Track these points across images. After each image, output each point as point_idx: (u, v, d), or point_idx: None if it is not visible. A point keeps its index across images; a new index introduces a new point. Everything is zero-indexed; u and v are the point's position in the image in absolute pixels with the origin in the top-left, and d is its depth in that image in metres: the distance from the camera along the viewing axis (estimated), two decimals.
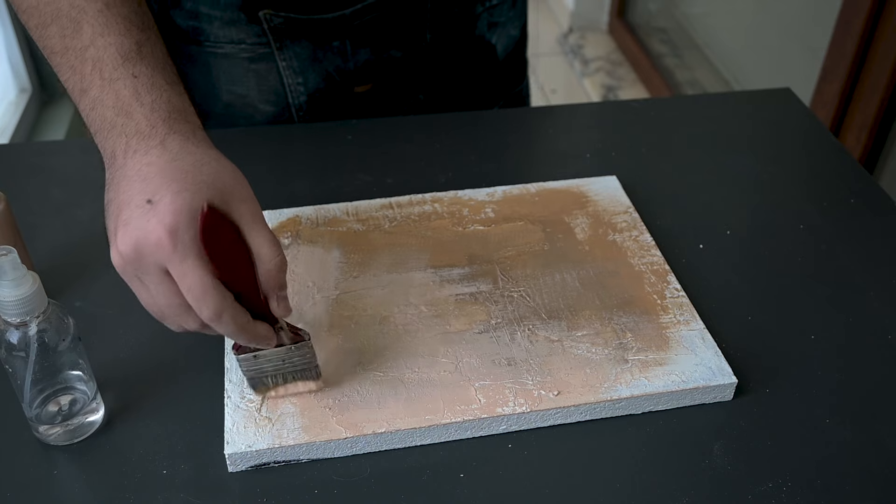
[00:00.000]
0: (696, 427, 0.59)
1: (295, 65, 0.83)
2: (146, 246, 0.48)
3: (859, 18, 1.52)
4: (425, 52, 0.88)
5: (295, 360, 0.57)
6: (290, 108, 0.87)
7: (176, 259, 0.48)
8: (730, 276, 0.71)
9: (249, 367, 0.56)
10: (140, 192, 0.49)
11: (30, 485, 0.55)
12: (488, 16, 0.90)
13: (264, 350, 0.55)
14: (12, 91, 2.09)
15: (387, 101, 0.90)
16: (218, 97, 0.87)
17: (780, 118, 0.94)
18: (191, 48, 0.83)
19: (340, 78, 0.85)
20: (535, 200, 0.76)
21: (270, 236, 0.51)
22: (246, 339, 0.52)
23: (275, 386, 0.58)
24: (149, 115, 0.51)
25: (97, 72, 0.53)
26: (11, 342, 0.52)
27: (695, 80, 2.38)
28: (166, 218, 0.47)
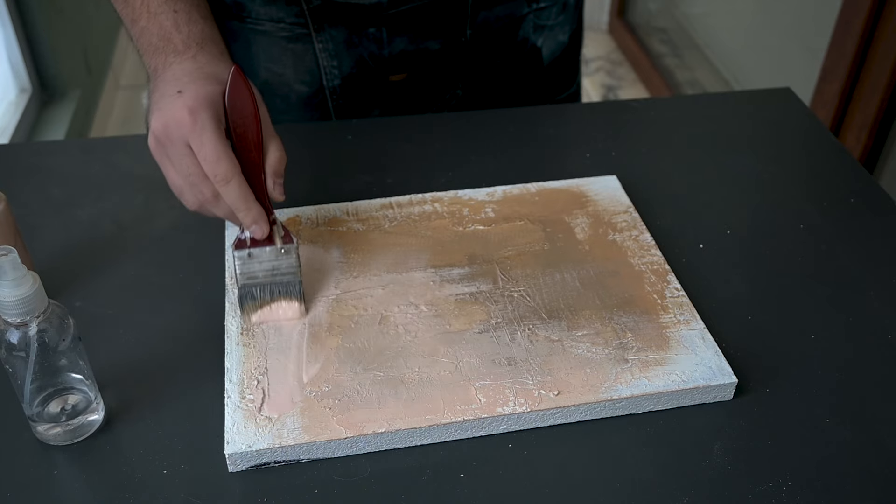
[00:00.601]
0: (696, 427, 0.59)
1: (330, 47, 0.85)
2: (172, 123, 0.58)
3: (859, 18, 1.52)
4: (464, 49, 0.88)
5: (283, 268, 0.63)
6: (325, 90, 0.89)
7: (196, 133, 0.58)
8: (730, 276, 0.71)
9: (243, 267, 0.62)
10: (172, 86, 0.61)
11: (30, 485, 0.55)
12: (535, 18, 0.90)
13: (257, 249, 0.62)
14: (12, 91, 2.09)
15: (423, 93, 0.91)
16: (256, 74, 0.88)
17: (780, 118, 0.94)
18: (233, 24, 0.86)
19: (374, 64, 0.87)
20: (535, 200, 0.76)
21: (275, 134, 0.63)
22: (246, 212, 0.60)
23: (261, 303, 0.63)
24: (185, 39, 0.65)
25: (145, 6, 0.66)
26: (11, 342, 0.52)
27: (695, 80, 2.38)
28: (189, 101, 0.58)
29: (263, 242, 0.62)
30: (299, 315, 0.63)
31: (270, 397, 0.58)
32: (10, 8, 1.99)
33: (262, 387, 0.59)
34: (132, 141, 0.88)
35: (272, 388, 0.59)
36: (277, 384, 0.59)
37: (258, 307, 0.63)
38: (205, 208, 0.61)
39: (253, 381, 0.59)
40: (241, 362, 0.61)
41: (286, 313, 0.63)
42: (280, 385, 0.59)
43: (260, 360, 0.61)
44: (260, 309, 0.63)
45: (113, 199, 0.79)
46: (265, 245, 0.62)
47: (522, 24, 0.89)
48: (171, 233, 0.75)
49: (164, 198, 0.79)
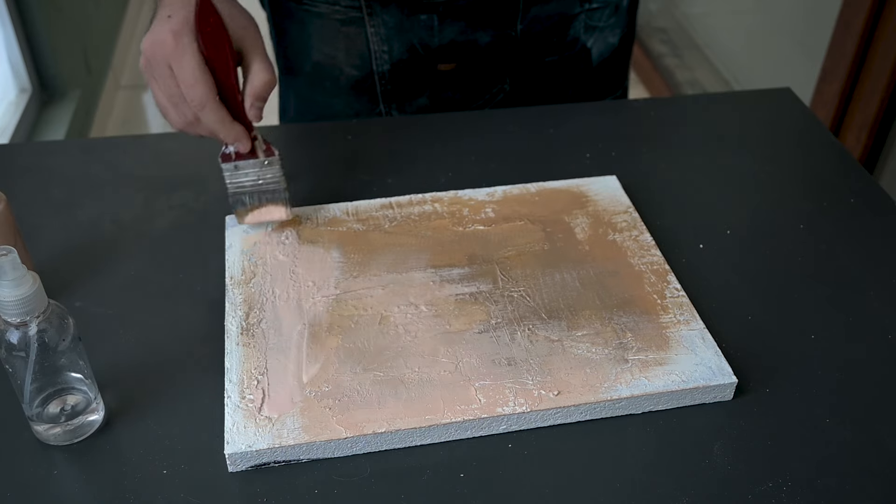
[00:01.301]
0: (696, 427, 0.59)
1: (382, 32, 0.86)
2: (157, 44, 0.62)
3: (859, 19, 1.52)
4: (514, 43, 0.89)
5: (268, 178, 0.69)
6: (374, 75, 0.90)
7: (176, 55, 0.61)
8: (730, 276, 0.71)
9: (231, 178, 0.68)
10: (165, 11, 0.63)
11: (30, 485, 0.55)
12: (586, 18, 0.90)
13: (242, 161, 0.67)
14: (12, 91, 2.09)
15: (471, 84, 0.91)
16: (309, 56, 0.90)
17: (780, 118, 0.94)
18: (290, 4, 0.88)
19: (424, 52, 0.88)
20: (535, 200, 0.76)
21: (265, 58, 0.65)
22: (224, 133, 0.65)
23: (251, 207, 0.70)
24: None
25: None
26: (11, 342, 0.52)
27: (695, 80, 2.38)
28: (174, 25, 0.62)
29: (248, 155, 0.68)
30: (285, 216, 0.71)
31: (270, 397, 0.58)
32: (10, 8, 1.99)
33: (262, 387, 0.59)
34: (132, 141, 0.88)
35: (272, 388, 0.59)
36: (277, 384, 0.59)
37: (248, 211, 0.70)
38: (189, 127, 0.66)
39: (253, 381, 0.59)
40: (241, 362, 0.61)
41: (273, 215, 0.71)
42: (280, 385, 0.59)
43: (260, 360, 0.61)
44: (250, 213, 0.70)
45: (113, 199, 0.79)
46: (249, 158, 0.68)
47: (573, 23, 0.90)
48: (171, 233, 0.75)
49: (164, 198, 0.79)
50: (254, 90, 0.64)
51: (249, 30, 0.65)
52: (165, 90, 0.63)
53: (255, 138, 0.67)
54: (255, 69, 0.64)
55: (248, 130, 0.66)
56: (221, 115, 0.64)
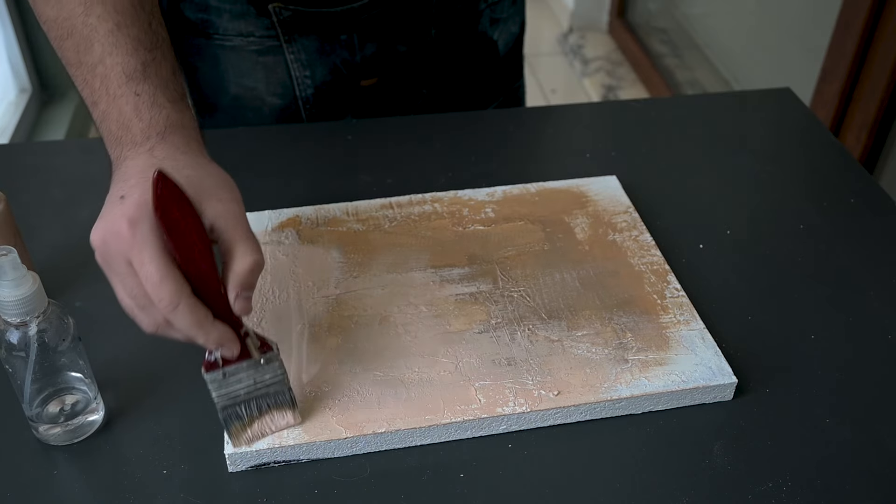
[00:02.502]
0: (696, 427, 0.59)
1: (303, 58, 0.84)
2: (109, 236, 0.50)
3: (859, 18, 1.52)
4: (430, 47, 0.88)
5: (266, 379, 0.55)
6: (298, 101, 0.88)
7: (135, 249, 0.49)
8: (730, 275, 0.71)
9: (220, 389, 0.54)
10: (118, 190, 0.52)
11: (30, 485, 0.55)
12: (490, 12, 0.91)
13: (232, 366, 0.53)
14: (12, 91, 2.09)
15: (391, 96, 0.91)
16: (226, 90, 0.87)
17: (780, 118, 0.94)
18: (199, 41, 0.84)
19: (347, 71, 0.86)
20: (535, 200, 0.76)
21: (249, 236, 0.52)
22: (205, 338, 0.51)
23: (249, 421, 0.55)
24: (145, 129, 0.55)
25: (104, 88, 0.56)
26: (11, 342, 0.52)
27: (695, 80, 2.38)
28: (129, 210, 0.50)
29: (238, 358, 0.54)
30: (293, 422, 0.56)
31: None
32: (10, 8, 1.99)
33: None
34: None
35: None
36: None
37: (247, 426, 0.55)
38: (162, 331, 0.52)
39: None
40: None
41: (279, 423, 0.56)
42: None
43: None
44: (249, 427, 0.55)
45: None
46: (241, 360, 0.54)
47: (480, 18, 0.90)
48: None
49: None
50: (237, 279, 0.51)
51: (224, 202, 0.52)
52: (128, 290, 0.51)
53: (245, 335, 0.53)
54: (237, 253, 0.51)
55: (237, 329, 0.53)
56: (198, 316, 0.50)
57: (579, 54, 2.80)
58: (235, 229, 0.51)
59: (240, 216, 0.52)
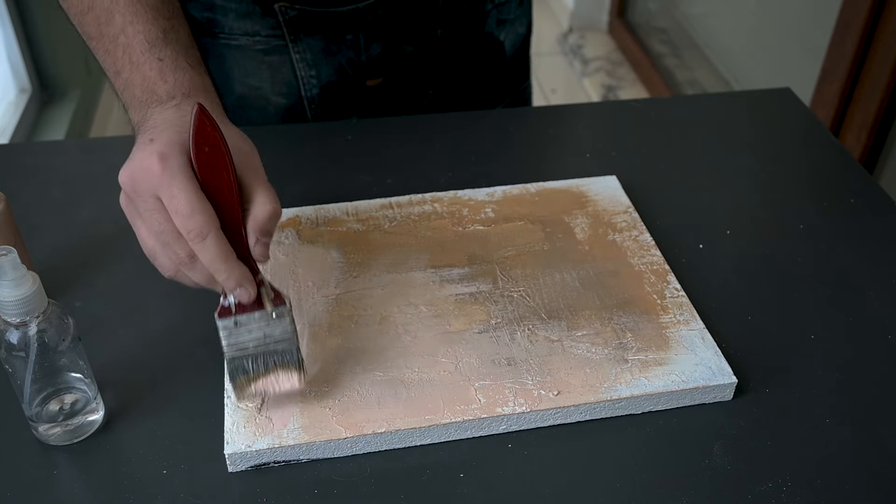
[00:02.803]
0: (696, 427, 0.59)
1: (308, 57, 0.84)
2: (139, 172, 0.51)
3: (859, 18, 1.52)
4: (436, 48, 0.88)
5: (276, 335, 0.55)
6: (303, 101, 0.88)
7: (165, 182, 0.50)
8: (730, 275, 0.71)
9: (230, 338, 0.54)
10: (146, 136, 0.54)
11: (30, 485, 0.55)
12: (497, 13, 0.91)
13: (245, 316, 0.54)
14: (12, 91, 2.09)
15: (397, 96, 0.91)
16: (231, 89, 0.87)
17: (780, 118, 0.94)
18: (205, 40, 0.84)
19: (353, 71, 0.86)
20: (534, 200, 0.76)
21: (269, 186, 0.54)
22: (227, 273, 0.52)
23: (255, 376, 0.55)
24: (171, 90, 0.58)
25: (127, 56, 0.59)
26: (11, 342, 0.52)
27: (695, 80, 2.38)
28: (159, 147, 0.51)
29: (251, 307, 0.54)
30: (298, 386, 0.57)
31: (270, 397, 0.58)
32: (10, 8, 1.99)
33: None
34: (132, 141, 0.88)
35: None
36: None
37: (251, 381, 0.55)
38: (181, 273, 0.53)
39: None
40: None
41: (283, 386, 0.56)
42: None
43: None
44: (254, 383, 0.56)
45: (113, 199, 0.78)
46: (253, 310, 0.54)
47: (487, 19, 0.90)
48: None
49: None
50: (257, 223, 0.52)
51: (247, 153, 0.55)
52: (154, 227, 0.52)
53: (261, 284, 0.54)
54: (258, 199, 0.53)
55: (254, 274, 0.54)
56: (224, 248, 0.51)
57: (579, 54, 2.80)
58: (256, 179, 0.54)
59: (259, 168, 0.55)
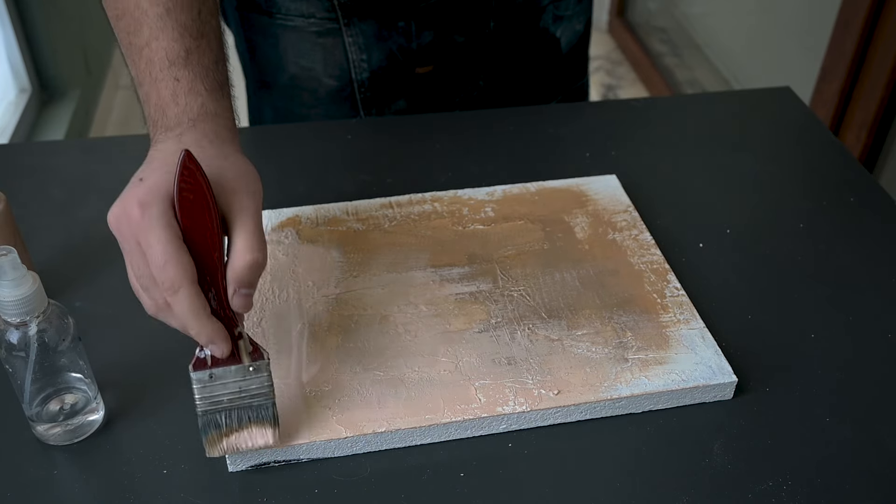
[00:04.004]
0: (696, 426, 0.59)
1: (360, 41, 0.86)
2: (122, 217, 0.51)
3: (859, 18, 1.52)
4: (488, 40, 0.89)
5: (252, 389, 0.53)
6: (353, 84, 0.89)
7: (143, 230, 0.50)
8: (729, 275, 0.71)
9: (203, 391, 0.53)
10: (141, 171, 0.53)
11: (30, 485, 0.55)
12: (554, 9, 0.91)
13: (220, 369, 0.53)
14: (12, 91, 2.09)
15: (447, 85, 0.92)
16: (284, 69, 0.89)
17: (780, 117, 0.94)
18: (262, 19, 0.87)
19: (403, 57, 0.88)
20: (534, 200, 0.76)
21: (254, 233, 0.52)
22: (198, 329, 0.51)
23: (228, 431, 0.53)
24: (179, 114, 0.56)
25: (148, 70, 0.58)
26: (11, 342, 0.52)
27: (695, 80, 2.38)
28: (142, 194, 0.51)
29: (228, 360, 0.53)
30: (272, 442, 0.54)
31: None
32: (10, 8, 1.99)
33: None
34: (132, 141, 0.88)
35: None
36: (277, 384, 0.59)
37: (224, 436, 0.54)
38: (162, 315, 0.52)
39: None
40: None
41: (257, 441, 0.54)
42: (280, 385, 0.59)
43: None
44: (226, 438, 0.54)
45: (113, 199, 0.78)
46: (230, 364, 0.53)
47: (542, 14, 0.91)
48: None
49: None
50: (235, 274, 0.51)
51: (239, 195, 0.53)
52: (135, 270, 0.51)
53: (239, 337, 0.53)
54: (237, 247, 0.51)
55: (230, 328, 0.52)
56: (195, 305, 0.50)
57: None
58: (243, 224, 0.51)
59: (251, 211, 0.52)
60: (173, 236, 0.50)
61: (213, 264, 0.51)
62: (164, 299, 0.51)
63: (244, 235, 0.51)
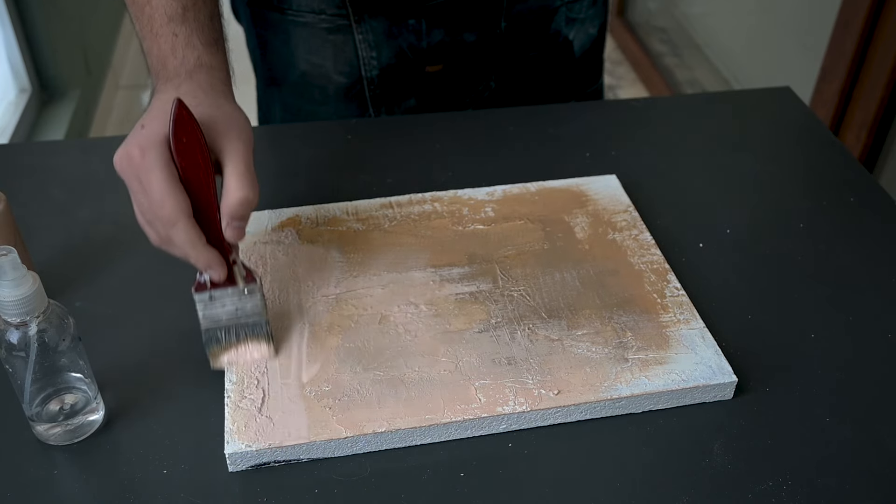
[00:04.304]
0: (696, 426, 0.59)
1: (370, 39, 0.86)
2: (124, 159, 0.56)
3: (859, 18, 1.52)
4: (499, 40, 0.89)
5: (247, 308, 0.60)
6: (363, 81, 0.90)
7: (144, 171, 0.55)
8: (729, 275, 0.71)
9: (205, 310, 0.59)
10: (142, 119, 0.58)
11: (30, 485, 0.55)
12: (567, 11, 0.91)
13: (218, 290, 0.59)
14: (12, 91, 2.09)
15: (457, 84, 0.92)
16: (295, 65, 0.90)
17: (780, 117, 0.94)
18: (273, 15, 0.87)
19: (413, 56, 0.88)
20: (534, 199, 0.76)
21: (244, 172, 0.57)
22: (196, 257, 0.57)
23: (227, 346, 0.60)
24: (178, 66, 0.62)
25: (149, 26, 0.63)
26: (11, 342, 0.52)
27: (695, 80, 2.38)
28: (142, 139, 0.56)
29: (225, 284, 0.59)
30: (268, 356, 0.61)
31: (270, 397, 0.58)
32: (10, 8, 1.99)
33: (262, 387, 0.59)
34: None
35: (272, 387, 0.59)
36: (277, 384, 0.59)
37: (224, 350, 0.60)
38: (164, 246, 0.58)
39: (253, 380, 0.59)
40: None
41: (254, 355, 0.61)
42: (280, 385, 0.59)
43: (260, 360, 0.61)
44: (226, 352, 0.60)
45: (113, 199, 0.79)
46: (226, 286, 0.59)
47: (555, 17, 0.91)
48: None
49: None
50: (228, 209, 0.56)
51: (231, 140, 0.58)
52: (139, 206, 0.58)
53: (234, 262, 0.59)
54: (231, 185, 0.57)
55: (225, 255, 0.58)
56: (192, 236, 0.56)
57: None
58: (235, 165, 0.57)
59: (242, 153, 0.57)
60: (170, 176, 0.55)
61: (208, 199, 0.57)
62: (165, 232, 0.56)
63: (235, 175, 0.56)
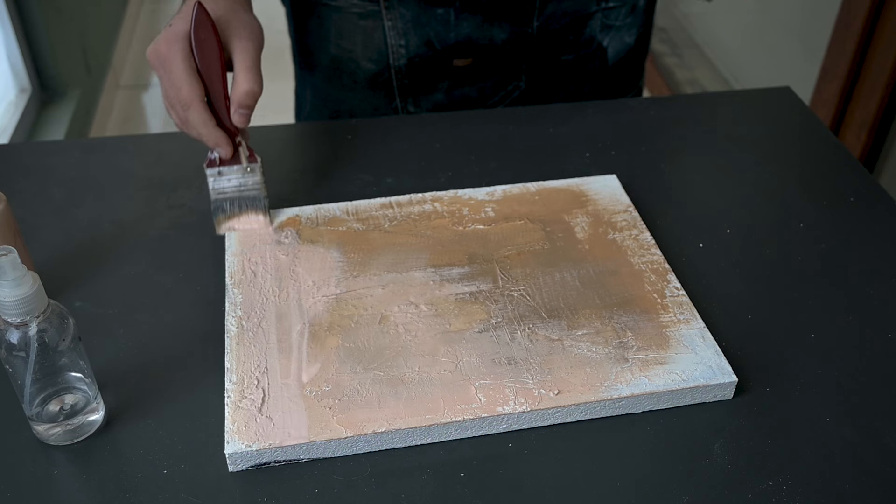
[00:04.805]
0: (697, 426, 0.59)
1: (399, 26, 0.87)
2: (154, 52, 0.68)
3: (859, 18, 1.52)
4: (530, 41, 0.89)
5: (249, 184, 0.71)
6: (391, 70, 0.90)
7: (167, 61, 0.67)
8: (730, 275, 0.71)
9: (214, 183, 0.71)
10: (172, 20, 0.69)
11: (30, 485, 0.55)
12: (603, 17, 0.91)
13: (226, 167, 0.70)
14: (12, 91, 2.09)
15: (487, 81, 0.92)
16: (327, 50, 0.91)
17: (780, 117, 0.94)
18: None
19: (440, 47, 0.88)
20: (535, 199, 0.76)
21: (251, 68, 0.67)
22: (207, 136, 0.68)
23: (230, 214, 0.72)
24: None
25: None
26: (11, 342, 0.52)
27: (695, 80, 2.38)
28: (169, 34, 0.67)
29: (232, 161, 0.70)
30: (264, 224, 0.72)
31: (270, 397, 0.58)
32: (10, 8, 1.99)
33: (262, 387, 0.59)
34: (132, 141, 0.88)
35: (272, 387, 0.59)
36: (277, 384, 0.59)
37: (228, 218, 0.72)
38: (182, 128, 0.69)
39: (253, 380, 0.59)
40: (241, 362, 0.61)
41: (252, 224, 0.72)
42: (280, 385, 0.59)
43: (260, 360, 0.61)
44: (229, 220, 0.72)
45: (113, 199, 0.79)
46: (233, 164, 0.71)
47: (589, 22, 0.90)
48: (171, 233, 0.75)
49: (164, 198, 0.79)
50: (237, 98, 0.68)
51: (242, 40, 0.68)
52: (164, 91, 0.69)
53: (239, 144, 0.70)
54: (239, 78, 0.68)
55: (232, 138, 0.70)
56: (205, 117, 0.67)
57: None
58: (243, 61, 0.68)
59: (251, 53, 0.68)
60: (188, 66, 0.66)
61: (220, 89, 0.68)
62: (183, 113, 0.67)
63: (244, 70, 0.67)
